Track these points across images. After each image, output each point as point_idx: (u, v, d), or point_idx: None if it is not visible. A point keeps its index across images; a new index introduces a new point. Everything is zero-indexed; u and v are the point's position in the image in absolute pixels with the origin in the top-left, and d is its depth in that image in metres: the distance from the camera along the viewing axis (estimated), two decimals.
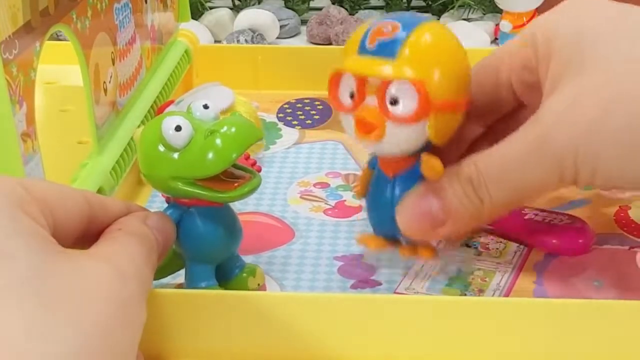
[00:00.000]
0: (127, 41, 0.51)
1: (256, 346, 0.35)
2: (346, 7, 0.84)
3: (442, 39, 0.38)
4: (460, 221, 0.38)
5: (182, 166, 0.35)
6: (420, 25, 0.37)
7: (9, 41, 0.34)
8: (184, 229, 0.37)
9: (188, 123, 0.35)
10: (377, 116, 0.37)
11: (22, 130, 0.36)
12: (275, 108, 0.62)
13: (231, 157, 0.35)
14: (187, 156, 0.35)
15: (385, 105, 0.37)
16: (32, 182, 0.30)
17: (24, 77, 0.36)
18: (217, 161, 0.35)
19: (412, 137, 0.37)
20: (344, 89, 0.38)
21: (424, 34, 0.37)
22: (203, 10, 0.82)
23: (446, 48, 0.38)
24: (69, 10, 0.42)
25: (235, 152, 0.35)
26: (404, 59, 0.36)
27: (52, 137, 0.54)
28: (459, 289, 0.41)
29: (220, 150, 0.35)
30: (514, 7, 0.74)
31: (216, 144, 0.35)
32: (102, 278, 0.28)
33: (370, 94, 0.37)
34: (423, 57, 0.37)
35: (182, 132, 0.35)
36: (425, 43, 0.37)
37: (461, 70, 0.38)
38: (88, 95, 0.44)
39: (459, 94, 0.38)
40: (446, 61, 0.37)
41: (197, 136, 0.35)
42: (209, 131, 0.35)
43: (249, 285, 0.40)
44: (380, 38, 0.37)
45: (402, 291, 0.41)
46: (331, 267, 0.43)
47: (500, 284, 0.41)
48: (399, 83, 0.36)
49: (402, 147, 0.38)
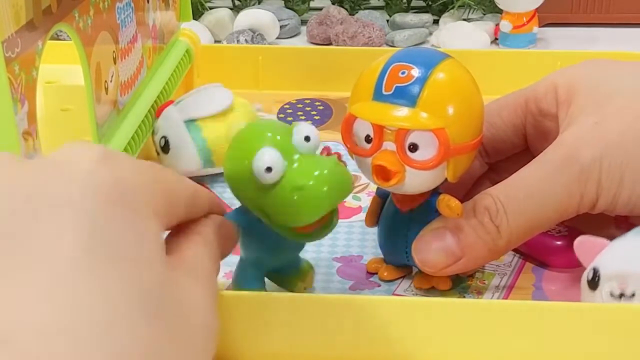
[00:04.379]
0: (129, 40, 0.51)
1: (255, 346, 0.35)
2: (346, 7, 0.84)
3: (460, 81, 0.38)
4: (477, 254, 0.38)
5: (266, 205, 0.34)
6: (437, 66, 0.37)
7: (11, 40, 0.34)
8: (248, 232, 0.36)
9: (281, 162, 0.33)
10: (397, 163, 0.37)
11: (24, 129, 0.36)
12: (276, 108, 0.62)
13: (315, 217, 0.33)
14: (273, 199, 0.33)
15: (404, 152, 0.36)
16: (166, 177, 0.29)
17: (26, 76, 0.36)
18: (300, 219, 0.33)
19: (431, 179, 0.37)
20: (360, 131, 0.38)
21: (444, 77, 0.37)
22: (203, 10, 0.82)
23: (464, 90, 0.37)
24: (72, 9, 0.42)
25: (321, 212, 0.33)
26: (422, 106, 0.36)
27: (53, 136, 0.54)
28: (457, 291, 0.41)
29: (305, 208, 0.33)
30: (514, 7, 0.75)
31: (303, 202, 0.33)
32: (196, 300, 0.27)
33: (388, 140, 0.37)
34: (442, 104, 0.36)
35: (273, 174, 0.33)
36: (443, 88, 0.37)
37: (477, 110, 0.38)
38: (89, 94, 0.44)
39: (475, 134, 0.38)
40: (465, 104, 0.37)
41: (287, 175, 0.33)
42: (298, 187, 0.33)
43: (295, 288, 0.39)
44: (398, 84, 0.36)
45: (400, 293, 0.41)
46: (330, 268, 0.43)
47: (499, 286, 0.41)
48: (419, 132, 0.36)
49: (421, 189, 0.38)
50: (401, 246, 0.40)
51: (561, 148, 0.37)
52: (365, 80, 0.38)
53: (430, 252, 0.38)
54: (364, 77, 0.38)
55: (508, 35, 0.75)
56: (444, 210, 0.38)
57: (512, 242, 0.38)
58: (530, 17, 0.75)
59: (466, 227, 0.38)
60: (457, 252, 0.38)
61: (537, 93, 0.42)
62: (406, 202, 0.40)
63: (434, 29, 0.81)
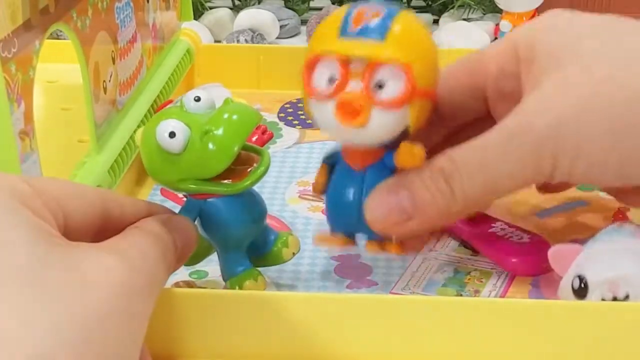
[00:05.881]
0: (128, 40, 0.51)
1: (255, 346, 0.35)
2: None
3: (423, 28, 0.38)
4: (429, 215, 0.37)
5: (186, 169, 0.35)
6: (401, 13, 0.37)
7: (8, 39, 0.35)
8: (208, 220, 0.37)
9: (182, 126, 0.34)
10: (363, 100, 0.36)
11: (20, 129, 0.36)
12: (276, 108, 0.62)
13: (232, 152, 0.34)
14: (188, 159, 0.34)
15: (371, 88, 0.36)
16: (39, 179, 0.30)
17: (22, 76, 0.36)
18: (217, 161, 0.34)
19: (394, 124, 0.36)
20: (320, 75, 0.36)
21: (407, 21, 0.37)
22: (203, 10, 0.82)
23: (427, 37, 0.38)
24: (70, 9, 0.42)
25: (235, 145, 0.34)
26: (392, 42, 0.36)
27: (53, 136, 0.54)
28: (455, 289, 0.41)
29: (218, 150, 0.34)
30: (514, 7, 0.75)
31: (214, 143, 0.34)
32: (106, 266, 0.28)
33: (354, 79, 0.36)
34: (410, 42, 0.36)
35: (178, 137, 0.34)
36: (410, 29, 0.37)
37: (436, 61, 0.38)
38: (87, 94, 0.45)
39: (434, 83, 0.38)
40: (428, 50, 0.37)
41: (194, 135, 0.34)
42: (204, 132, 0.34)
43: (284, 257, 0.39)
44: (365, 21, 0.36)
45: (398, 291, 0.41)
46: (328, 266, 0.43)
47: (496, 285, 0.42)
48: (387, 66, 0.35)
49: (383, 135, 0.37)
50: (352, 209, 0.39)
51: (517, 117, 0.36)
52: (329, 24, 0.37)
53: (382, 209, 0.37)
54: (326, 23, 0.37)
55: None
56: (404, 158, 0.37)
57: (466, 206, 0.37)
58: (530, 17, 0.75)
59: (420, 186, 0.37)
60: (409, 210, 0.37)
61: (496, 52, 0.40)
62: (360, 159, 0.39)
63: (434, 28, 0.81)
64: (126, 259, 0.29)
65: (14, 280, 0.25)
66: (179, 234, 0.33)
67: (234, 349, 0.35)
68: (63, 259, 0.27)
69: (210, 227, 0.37)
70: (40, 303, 0.25)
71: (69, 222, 0.30)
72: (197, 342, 0.35)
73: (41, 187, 0.29)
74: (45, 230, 0.27)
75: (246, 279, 0.38)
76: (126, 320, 0.27)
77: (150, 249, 0.31)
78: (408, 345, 0.35)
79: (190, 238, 0.34)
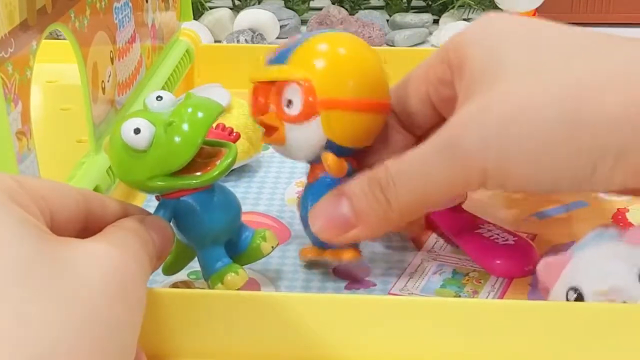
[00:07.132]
0: (127, 40, 0.51)
1: (254, 346, 0.35)
2: (346, 7, 0.84)
3: (336, 44, 0.40)
4: (371, 223, 0.38)
5: (154, 165, 0.35)
6: (319, 34, 0.40)
7: (4, 40, 0.35)
8: (182, 219, 0.37)
9: (146, 122, 0.35)
10: (275, 119, 0.39)
11: (17, 129, 0.36)
12: None
13: (197, 142, 0.35)
14: (154, 154, 0.35)
15: (281, 107, 0.39)
16: (26, 178, 0.30)
17: (19, 76, 0.36)
18: (183, 150, 0.35)
19: (309, 137, 0.39)
20: (255, 100, 0.40)
21: (315, 41, 0.40)
22: (203, 10, 0.82)
23: (336, 51, 0.40)
24: (67, 9, 0.42)
25: (199, 136, 0.35)
26: (292, 63, 0.39)
27: (52, 136, 0.54)
28: (453, 290, 0.41)
29: (183, 140, 0.35)
30: (514, 7, 0.75)
31: (178, 134, 0.35)
32: (97, 256, 0.28)
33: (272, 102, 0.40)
34: (308, 59, 0.39)
35: (143, 133, 0.35)
36: (313, 47, 0.40)
37: (356, 70, 0.40)
38: (85, 94, 0.44)
39: (355, 92, 0.39)
40: (335, 62, 0.40)
41: (159, 131, 0.35)
42: (167, 123, 0.35)
43: (263, 251, 0.39)
44: (279, 49, 0.40)
45: (396, 292, 0.41)
46: (326, 267, 0.43)
47: (494, 286, 0.41)
48: (290, 84, 0.39)
49: (304, 149, 0.40)
50: (306, 221, 0.41)
51: (447, 129, 0.37)
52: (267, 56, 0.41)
53: (325, 220, 0.39)
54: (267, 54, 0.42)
55: None
56: (327, 169, 0.40)
57: (404, 215, 0.38)
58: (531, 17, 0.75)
59: (360, 196, 0.38)
60: (352, 219, 0.38)
61: (433, 61, 0.41)
62: (310, 172, 0.41)
63: (434, 28, 0.81)
64: (116, 245, 0.29)
65: (6, 278, 0.25)
66: (156, 232, 0.34)
67: (223, 348, 0.35)
68: (54, 254, 0.27)
69: (185, 226, 0.37)
70: (37, 301, 0.25)
71: (55, 220, 0.30)
72: (185, 341, 0.35)
73: (28, 185, 0.29)
74: (34, 226, 0.27)
75: (226, 273, 0.38)
76: (123, 307, 0.28)
77: (133, 240, 0.31)
78: (406, 346, 0.35)
79: (167, 236, 0.35)
